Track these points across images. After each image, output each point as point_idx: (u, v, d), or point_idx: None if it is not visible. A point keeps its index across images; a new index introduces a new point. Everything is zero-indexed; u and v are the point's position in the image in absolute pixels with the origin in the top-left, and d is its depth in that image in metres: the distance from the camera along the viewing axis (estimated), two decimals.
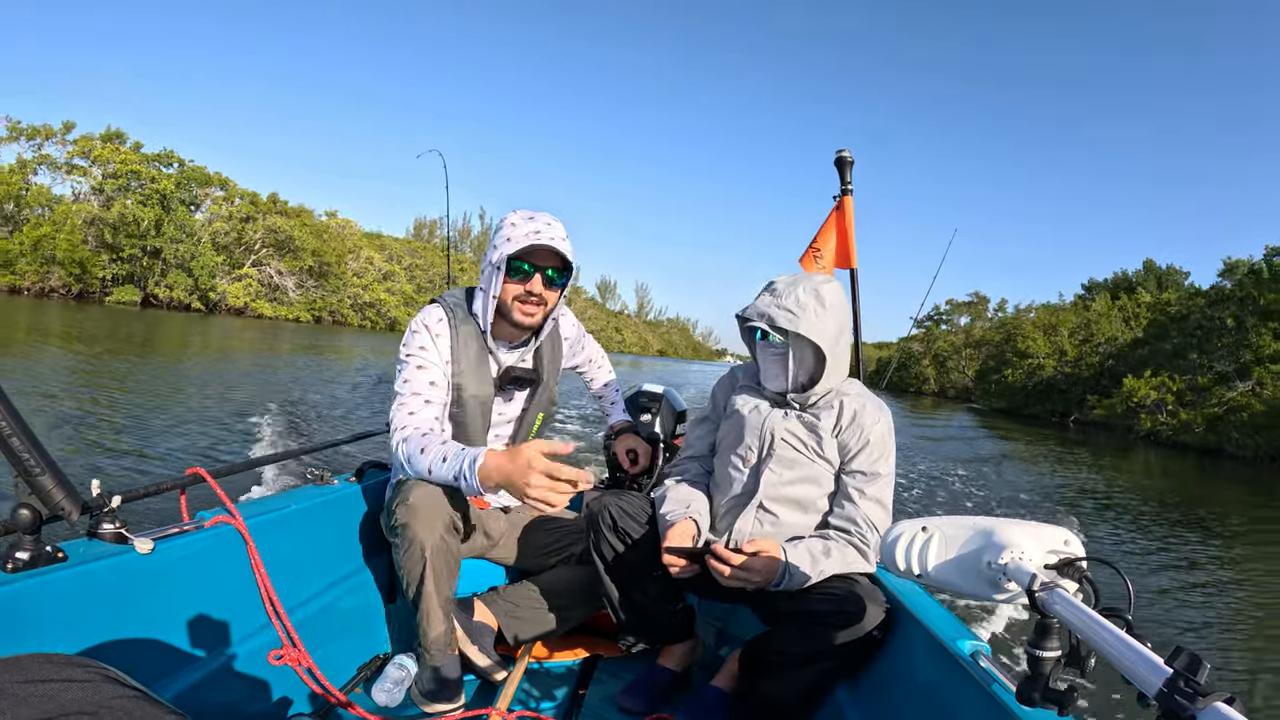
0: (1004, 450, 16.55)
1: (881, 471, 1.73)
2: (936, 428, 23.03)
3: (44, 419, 6.88)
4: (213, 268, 34.15)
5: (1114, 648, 0.79)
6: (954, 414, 30.77)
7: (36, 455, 1.12)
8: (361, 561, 1.99)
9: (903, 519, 1.16)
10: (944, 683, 1.38)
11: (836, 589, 1.63)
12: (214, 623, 1.46)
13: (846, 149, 2.90)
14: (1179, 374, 23.99)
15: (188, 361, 14.94)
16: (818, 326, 1.68)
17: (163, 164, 34.17)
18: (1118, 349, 30.99)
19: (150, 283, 32.14)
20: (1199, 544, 8.32)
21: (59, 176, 32.48)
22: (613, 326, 75.69)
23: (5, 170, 30.51)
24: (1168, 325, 27.55)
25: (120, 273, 30.99)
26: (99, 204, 31.09)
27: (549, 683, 1.98)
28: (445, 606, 1.71)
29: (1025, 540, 1.01)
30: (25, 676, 0.53)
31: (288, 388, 12.04)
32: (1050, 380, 34.35)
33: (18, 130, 32.68)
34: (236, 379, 12.44)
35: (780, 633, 1.68)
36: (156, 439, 6.84)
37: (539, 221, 1.77)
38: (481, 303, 1.83)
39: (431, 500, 1.65)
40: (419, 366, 1.79)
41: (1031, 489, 11.31)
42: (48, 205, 30.43)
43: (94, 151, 31.97)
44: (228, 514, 1.52)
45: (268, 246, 37.25)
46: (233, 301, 35.24)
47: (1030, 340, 37.12)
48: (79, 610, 1.18)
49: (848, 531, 1.70)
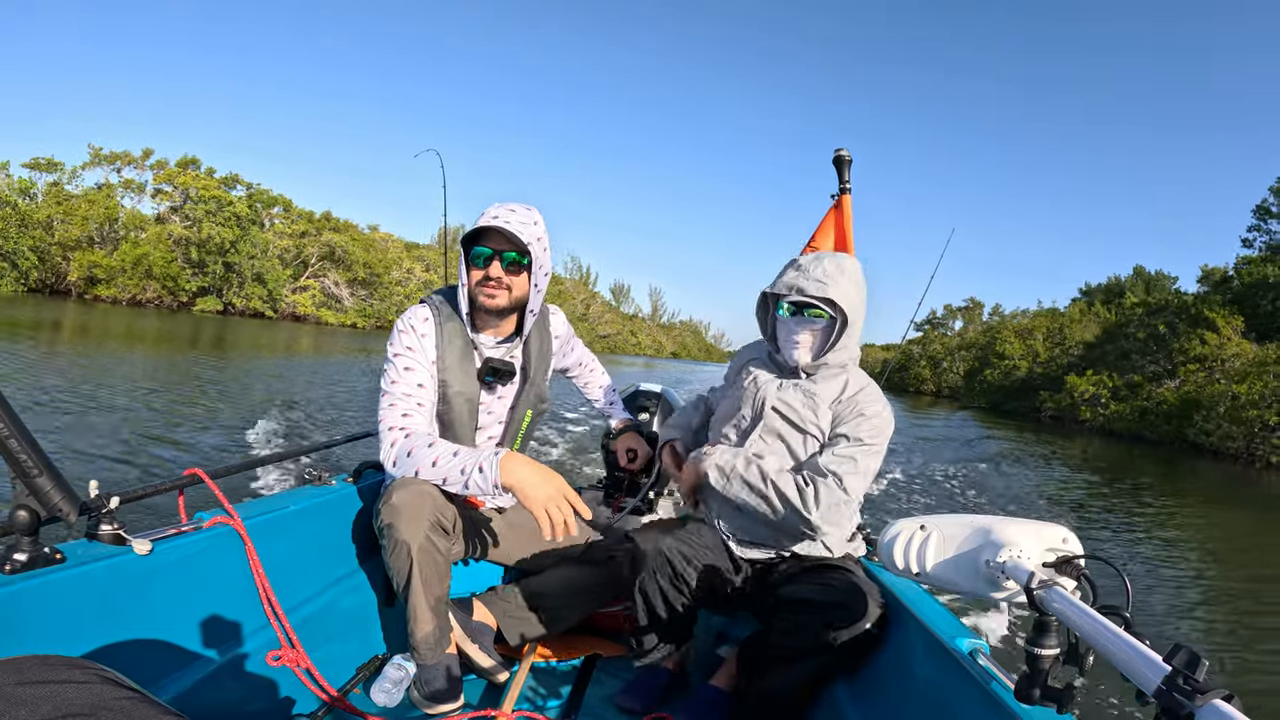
0: (976, 435, 20.50)
1: (866, 440, 1.72)
2: (925, 420, 25.54)
3: (79, 418, 6.93)
4: (281, 279, 38.72)
5: (1112, 645, 0.79)
6: (940, 409, 34.76)
7: (34, 456, 1.12)
8: (360, 562, 1.99)
9: (900, 518, 1.16)
10: (943, 681, 1.38)
11: (834, 580, 1.64)
12: (212, 623, 1.46)
13: (845, 148, 2.90)
14: (1121, 373, 28.72)
15: (257, 359, 16.86)
16: (845, 294, 1.77)
17: (228, 185, 38.42)
18: (1083, 351, 35.10)
19: (229, 293, 36.22)
20: (1109, 502, 10.65)
21: (136, 197, 37.16)
22: (628, 330, 76.64)
23: (100, 194, 34.47)
24: (1117, 331, 32.66)
25: (203, 285, 35.32)
26: (183, 224, 35.56)
27: (548, 682, 1.98)
28: (435, 606, 1.71)
29: (1023, 538, 1.01)
30: (23, 678, 0.53)
31: (337, 379, 13.78)
32: (1025, 379, 38.62)
33: (100, 156, 36.72)
34: (292, 372, 14.53)
35: (778, 623, 1.68)
36: (178, 435, 6.88)
37: (502, 208, 1.81)
38: (460, 295, 1.85)
39: (416, 500, 1.65)
40: (406, 368, 1.79)
41: (988, 457, 14.71)
42: (140, 227, 34.54)
43: (179, 179, 36.50)
44: (226, 515, 1.52)
45: (323, 259, 41.75)
46: (301, 310, 39.72)
47: (1006, 344, 42.21)
48: (77, 612, 1.18)
49: (807, 475, 1.71)
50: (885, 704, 1.57)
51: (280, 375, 13.45)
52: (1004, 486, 10.87)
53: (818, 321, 1.80)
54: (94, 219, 32.77)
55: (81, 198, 34.15)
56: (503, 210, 1.81)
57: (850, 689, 1.69)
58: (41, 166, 34.83)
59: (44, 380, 9.29)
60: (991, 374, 42.29)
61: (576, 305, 68.48)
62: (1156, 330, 28.71)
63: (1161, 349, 27.69)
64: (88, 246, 32.41)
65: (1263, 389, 20.09)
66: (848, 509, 1.68)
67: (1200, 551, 7.95)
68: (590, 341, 64.82)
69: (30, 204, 32.02)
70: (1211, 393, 22.28)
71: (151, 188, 36.76)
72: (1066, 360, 35.85)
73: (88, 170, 36.46)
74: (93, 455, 5.95)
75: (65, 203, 33.02)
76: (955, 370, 50.52)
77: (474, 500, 1.98)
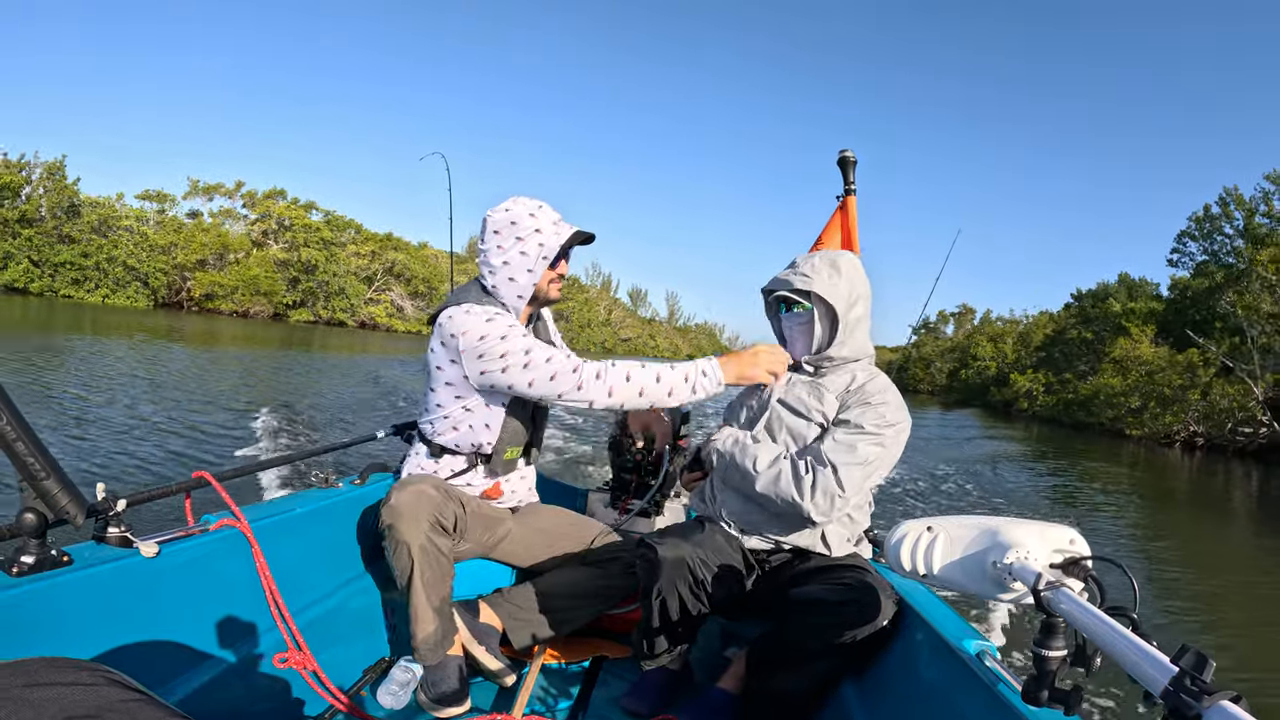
0: (949, 420, 28.62)
1: (867, 428, 1.70)
2: (915, 413, 30.40)
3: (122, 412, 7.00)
4: (359, 294, 45.77)
5: (1120, 646, 0.79)
6: (925, 403, 42.35)
7: (41, 459, 1.12)
8: (367, 564, 2.00)
9: (907, 519, 1.16)
10: (950, 682, 1.37)
11: (848, 579, 1.63)
12: (219, 626, 1.47)
13: (849, 149, 2.89)
14: (1058, 372, 36.05)
15: (334, 357, 21.51)
16: (830, 288, 1.78)
17: (305, 210, 45.10)
18: (1042, 354, 41.04)
19: (317, 306, 43.13)
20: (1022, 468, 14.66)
21: (232, 222, 43.78)
22: (647, 334, 78.45)
23: (213, 224, 42.31)
24: (1057, 337, 40.25)
25: (296, 299, 42.16)
26: (279, 247, 42.66)
27: (554, 684, 1.97)
28: (437, 607, 1.72)
29: (1030, 540, 1.00)
30: (30, 680, 0.53)
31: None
32: (994, 378, 45.40)
33: (197, 188, 43.17)
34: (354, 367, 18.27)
35: (790, 624, 1.67)
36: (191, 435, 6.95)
37: (552, 210, 1.94)
38: (512, 292, 1.89)
39: (415, 501, 1.68)
40: (523, 334, 1.82)
41: (951, 435, 20.48)
42: (244, 250, 41.09)
43: (274, 209, 43.38)
44: (232, 517, 1.53)
45: (389, 275, 48.28)
46: (377, 319, 46.43)
47: (979, 347, 50.70)
48: (84, 614, 1.19)
49: (808, 462, 1.71)
50: (892, 705, 1.56)
51: (342, 370, 17.22)
52: (956, 448, 16.42)
53: (803, 316, 1.83)
54: (210, 245, 39.56)
55: (195, 226, 41.29)
56: (555, 212, 1.95)
57: (857, 690, 1.68)
58: (151, 197, 41.52)
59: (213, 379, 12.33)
60: (967, 373, 50.32)
61: (600, 311, 70.66)
62: (1086, 337, 35.92)
63: (1091, 352, 34.35)
64: (201, 267, 39.14)
65: (1123, 383, 27.60)
66: (843, 502, 1.66)
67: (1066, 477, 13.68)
68: (613, 345, 65.79)
69: (156, 231, 39.04)
70: (1096, 385, 29.63)
71: (252, 216, 43.76)
72: (1029, 361, 41.88)
73: (186, 199, 43.26)
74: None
75: (182, 231, 39.96)
76: (942, 371, 57.38)
77: (490, 492, 2.00)
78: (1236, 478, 17.56)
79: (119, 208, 38.79)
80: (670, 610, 1.78)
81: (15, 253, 32.64)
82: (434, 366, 1.89)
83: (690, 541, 1.77)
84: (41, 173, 34.93)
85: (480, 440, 1.93)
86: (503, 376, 1.78)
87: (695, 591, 1.76)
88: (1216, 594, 6.35)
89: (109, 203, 38.23)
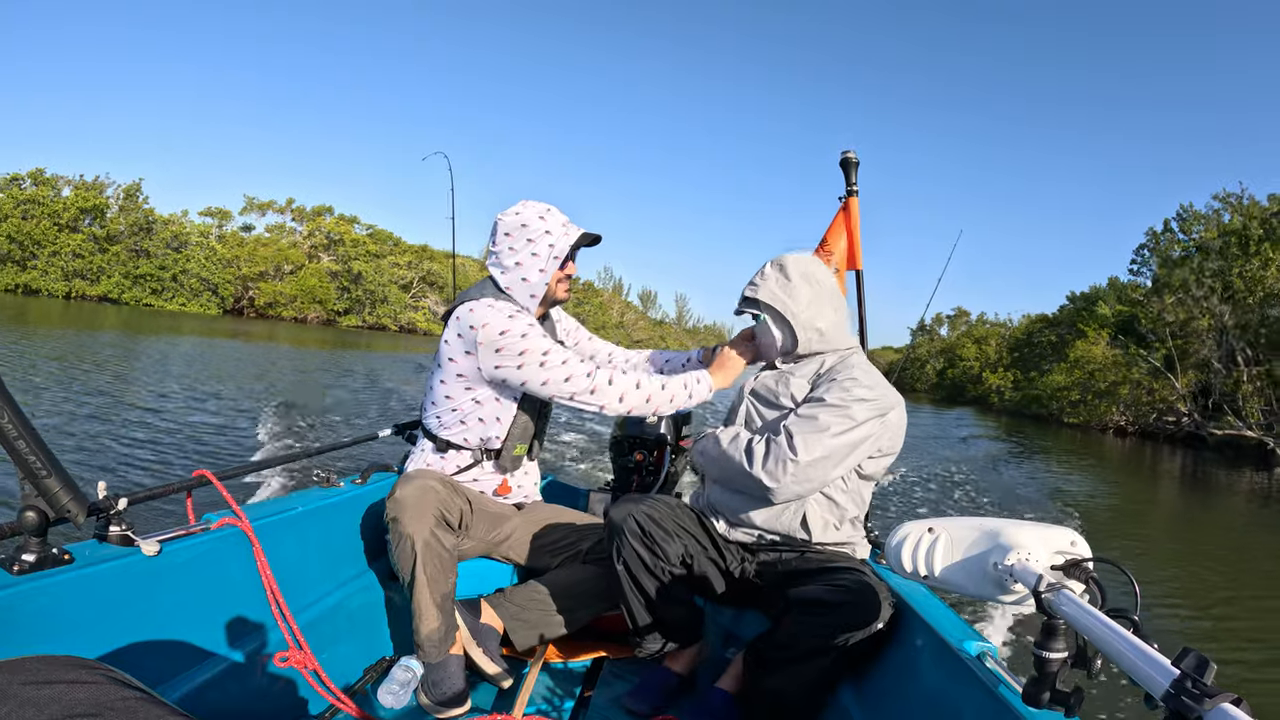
0: (933, 412, 33.29)
1: (830, 401, 1.68)
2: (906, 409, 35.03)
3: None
4: (401, 301, 50.91)
5: (1121, 649, 0.79)
6: (917, 400, 46.10)
7: (43, 457, 1.12)
8: (368, 563, 2.00)
9: (907, 520, 1.16)
10: (950, 684, 1.37)
11: (847, 580, 1.62)
12: (220, 625, 1.47)
13: (852, 150, 2.89)
14: (1025, 371, 41.69)
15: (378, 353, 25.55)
16: (778, 294, 1.83)
17: (350, 224, 50.36)
18: (1019, 354, 45.85)
19: (365, 313, 48.25)
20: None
21: (284, 235, 48.56)
22: (658, 335, 79.70)
23: (272, 239, 47.47)
24: (1026, 340, 45.82)
25: (346, 305, 47.65)
26: (330, 259, 47.76)
27: (554, 684, 1.97)
28: (440, 603, 1.72)
29: (1031, 541, 1.00)
30: (30, 678, 0.54)
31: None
32: (974, 376, 50.60)
33: (252, 204, 48.52)
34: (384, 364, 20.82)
35: (789, 624, 1.66)
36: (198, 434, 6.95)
37: (560, 213, 1.98)
38: (525, 292, 1.92)
39: (420, 495, 1.69)
40: (543, 334, 1.85)
41: (936, 423, 24.09)
42: (299, 263, 46.23)
43: (323, 224, 48.80)
44: (234, 516, 1.53)
45: (423, 283, 53.57)
46: (417, 325, 51.46)
47: (964, 349, 56.11)
48: (85, 612, 1.19)
49: (766, 437, 1.72)
50: (892, 707, 1.56)
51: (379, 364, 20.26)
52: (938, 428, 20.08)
53: (755, 321, 1.93)
54: (271, 259, 44.99)
55: (255, 241, 46.98)
56: (563, 214, 1.99)
57: (857, 691, 1.68)
58: (213, 214, 47.25)
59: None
60: (953, 372, 55.92)
61: (612, 313, 72.56)
62: (1051, 340, 40.56)
63: (1056, 353, 38.80)
64: (262, 278, 44.52)
65: (1067, 379, 32.62)
66: (797, 467, 1.63)
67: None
68: (626, 347, 67.51)
69: (222, 245, 44.58)
70: (1048, 382, 35.33)
71: (304, 230, 49.18)
72: (1007, 361, 46.85)
73: (242, 215, 48.81)
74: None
75: (245, 245, 45.61)
76: (934, 370, 62.20)
77: (500, 489, 2.02)
78: (1162, 458, 21.19)
79: (186, 224, 44.18)
80: (640, 578, 1.80)
81: (107, 267, 38.08)
82: (446, 358, 1.90)
83: (638, 504, 1.83)
84: (119, 193, 40.20)
85: (489, 435, 1.94)
86: (517, 373, 1.81)
87: (652, 548, 1.78)
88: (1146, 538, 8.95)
89: (178, 220, 43.54)
